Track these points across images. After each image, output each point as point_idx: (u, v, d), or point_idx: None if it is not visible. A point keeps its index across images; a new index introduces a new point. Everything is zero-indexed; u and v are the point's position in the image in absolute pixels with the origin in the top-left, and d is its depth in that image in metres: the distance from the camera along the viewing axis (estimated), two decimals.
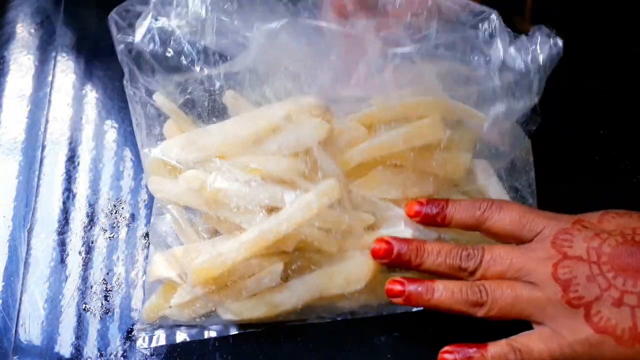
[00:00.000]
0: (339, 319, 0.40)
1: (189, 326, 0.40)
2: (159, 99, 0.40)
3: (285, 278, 0.38)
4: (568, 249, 0.33)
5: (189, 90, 0.40)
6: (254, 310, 0.37)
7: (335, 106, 0.39)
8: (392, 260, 0.37)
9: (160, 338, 0.40)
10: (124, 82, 0.40)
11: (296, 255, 0.38)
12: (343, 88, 0.39)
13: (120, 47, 0.38)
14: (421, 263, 0.36)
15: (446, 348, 0.35)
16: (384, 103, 0.39)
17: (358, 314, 0.40)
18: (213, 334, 0.40)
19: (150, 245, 0.41)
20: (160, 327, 0.40)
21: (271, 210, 0.37)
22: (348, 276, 0.37)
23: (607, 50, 0.50)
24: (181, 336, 0.40)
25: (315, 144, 0.37)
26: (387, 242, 0.37)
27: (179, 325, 0.40)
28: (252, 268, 0.37)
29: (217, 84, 0.40)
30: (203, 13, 0.37)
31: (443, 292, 0.35)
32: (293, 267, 0.38)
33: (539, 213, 0.36)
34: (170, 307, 0.39)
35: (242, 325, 0.40)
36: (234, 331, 0.40)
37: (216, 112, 0.41)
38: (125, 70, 0.39)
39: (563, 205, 0.36)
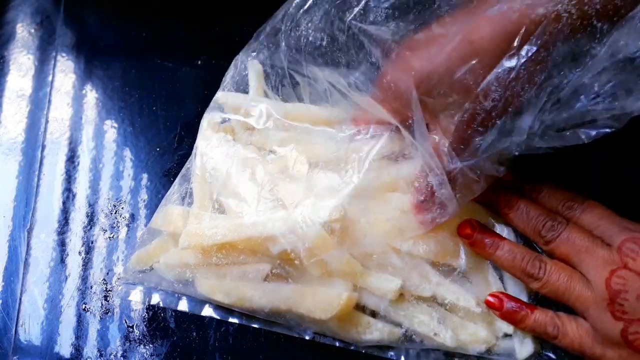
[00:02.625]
0: (306, 337, 0.39)
1: (166, 293, 0.41)
2: (252, 64, 0.44)
3: (265, 277, 0.38)
4: (630, 261, 0.33)
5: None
6: (225, 295, 0.38)
7: None
8: None
9: (137, 294, 0.41)
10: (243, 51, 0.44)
11: (281, 262, 0.38)
12: None
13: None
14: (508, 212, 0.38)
15: (497, 293, 0.37)
16: None
17: (326, 337, 0.39)
18: (184, 306, 0.41)
19: (165, 196, 0.42)
20: (141, 284, 0.41)
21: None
22: (317, 302, 0.37)
23: None
24: (155, 299, 0.41)
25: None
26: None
27: (157, 289, 0.41)
28: (240, 259, 0.38)
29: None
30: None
31: (506, 253, 0.37)
32: (273, 270, 0.38)
33: (612, 226, 0.35)
34: (159, 262, 0.40)
35: (217, 309, 0.41)
36: (206, 312, 0.41)
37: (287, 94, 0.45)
38: (265, 45, 0.43)
39: None
